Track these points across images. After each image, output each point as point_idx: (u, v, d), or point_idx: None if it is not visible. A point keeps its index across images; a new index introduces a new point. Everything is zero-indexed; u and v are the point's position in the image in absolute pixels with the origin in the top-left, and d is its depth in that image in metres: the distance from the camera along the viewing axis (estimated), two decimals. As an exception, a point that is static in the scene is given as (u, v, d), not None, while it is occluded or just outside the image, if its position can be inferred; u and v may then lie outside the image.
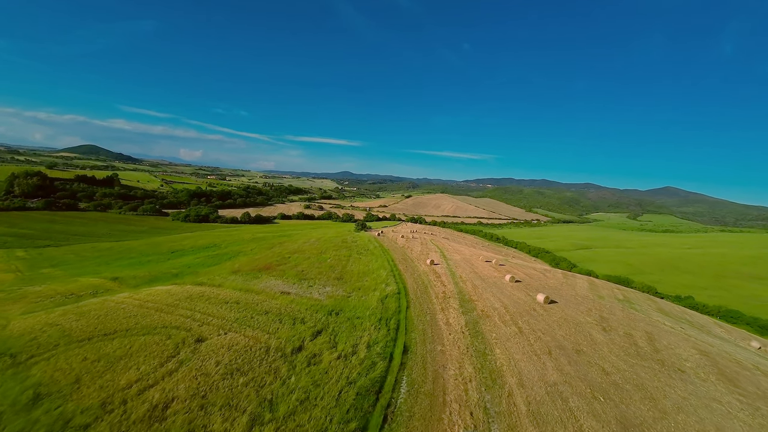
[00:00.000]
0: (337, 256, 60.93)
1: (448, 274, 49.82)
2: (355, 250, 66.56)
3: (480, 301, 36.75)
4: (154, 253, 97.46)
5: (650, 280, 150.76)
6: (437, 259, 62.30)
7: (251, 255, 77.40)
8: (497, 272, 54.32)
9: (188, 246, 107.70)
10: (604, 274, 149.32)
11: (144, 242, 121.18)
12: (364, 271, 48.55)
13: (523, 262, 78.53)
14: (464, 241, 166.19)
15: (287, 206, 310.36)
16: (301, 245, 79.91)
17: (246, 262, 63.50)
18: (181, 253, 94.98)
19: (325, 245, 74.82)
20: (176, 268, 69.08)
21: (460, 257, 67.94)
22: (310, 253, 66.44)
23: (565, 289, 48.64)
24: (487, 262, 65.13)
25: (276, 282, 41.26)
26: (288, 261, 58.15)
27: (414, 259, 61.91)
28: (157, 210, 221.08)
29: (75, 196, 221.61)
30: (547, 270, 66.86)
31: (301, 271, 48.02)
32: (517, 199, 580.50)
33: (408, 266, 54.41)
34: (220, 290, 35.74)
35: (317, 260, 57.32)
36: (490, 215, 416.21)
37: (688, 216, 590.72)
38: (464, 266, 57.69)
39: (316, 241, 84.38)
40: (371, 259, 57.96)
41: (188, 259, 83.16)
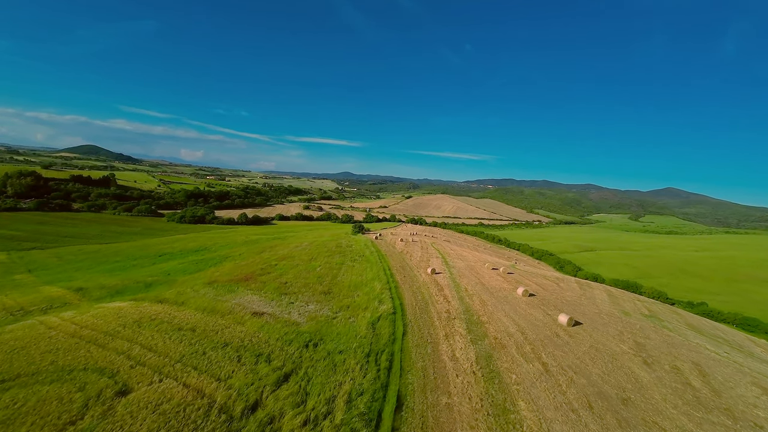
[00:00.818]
0: (329, 263, 54.63)
1: (452, 285, 43.48)
2: (349, 257, 60.25)
3: (491, 324, 30.41)
4: (140, 256, 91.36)
5: (659, 285, 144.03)
6: (439, 267, 55.95)
7: (238, 260, 71.32)
8: (507, 283, 47.93)
9: (177, 249, 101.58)
10: (612, 279, 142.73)
11: (134, 244, 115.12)
12: (357, 283, 42.26)
13: (533, 269, 72.18)
14: (466, 244, 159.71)
15: (286, 207, 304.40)
16: (292, 250, 73.68)
17: (228, 269, 57.28)
18: (169, 257, 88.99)
19: (318, 250, 68.55)
20: (153, 275, 62.87)
21: (463, 264, 61.52)
22: (299, 259, 60.18)
23: (586, 304, 42.26)
24: (493, 270, 58.74)
25: (252, 298, 35.01)
26: (273, 269, 51.87)
27: (413, 266, 55.57)
28: (152, 211, 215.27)
29: (69, 197, 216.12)
30: (560, 279, 60.45)
31: (285, 283, 41.72)
32: (518, 199, 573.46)
33: (406, 276, 48.06)
34: (179, 311, 29.46)
35: (306, 268, 51.05)
36: (491, 216, 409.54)
37: (691, 217, 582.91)
38: (469, 275, 51.35)
39: (308, 245, 78.11)
40: (366, 267, 51.64)
41: (171, 264, 76.88)
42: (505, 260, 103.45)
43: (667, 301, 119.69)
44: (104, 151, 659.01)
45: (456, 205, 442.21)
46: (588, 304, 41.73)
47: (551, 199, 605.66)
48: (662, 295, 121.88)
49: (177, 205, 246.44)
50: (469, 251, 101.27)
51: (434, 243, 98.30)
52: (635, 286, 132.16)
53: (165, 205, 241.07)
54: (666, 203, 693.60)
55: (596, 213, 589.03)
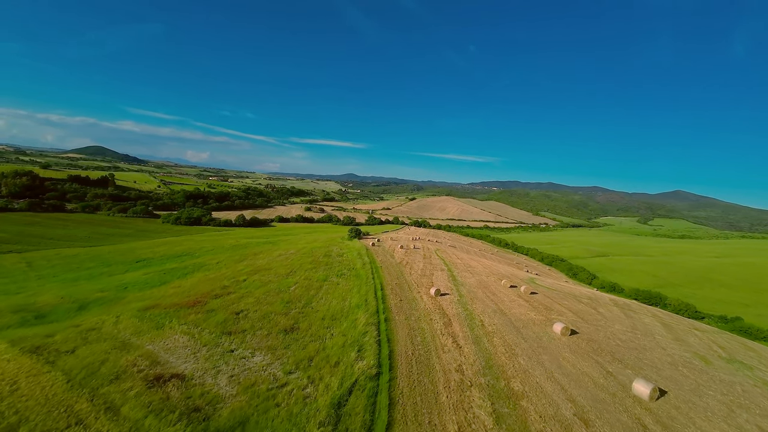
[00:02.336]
0: (309, 279, 43.38)
1: (463, 317, 32.00)
2: (336, 270, 48.93)
3: (530, 397, 18.93)
4: (117, 262, 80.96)
5: (682, 295, 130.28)
6: (444, 285, 44.41)
7: (210, 271, 60.45)
8: (534, 310, 36.22)
9: (159, 254, 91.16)
10: (632, 288, 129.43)
11: (118, 248, 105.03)
12: (335, 313, 31.01)
13: (556, 282, 60.10)
14: (473, 249, 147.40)
15: (287, 208, 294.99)
16: (273, 259, 62.58)
17: (188, 286, 46.17)
18: (145, 264, 78.55)
19: (302, 260, 57.34)
20: (106, 289, 52.03)
21: (474, 280, 49.84)
22: (276, 272, 48.98)
23: (648, 345, 30.38)
24: (512, 288, 46.96)
25: (177, 341, 23.99)
26: (238, 287, 40.71)
27: (413, 283, 44.09)
28: (148, 212, 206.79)
29: (65, 197, 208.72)
30: (593, 298, 48.40)
31: (238, 313, 30.56)
32: (524, 202, 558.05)
33: (403, 299, 36.63)
34: (33, 379, 18.44)
35: (277, 287, 39.86)
36: (497, 219, 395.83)
37: (701, 220, 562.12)
38: (483, 298, 39.80)
39: (294, 252, 66.93)
40: (352, 286, 40.34)
41: (137, 274, 65.87)
42: (519, 270, 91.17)
43: (696, 315, 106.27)
44: (110, 152, 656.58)
45: (460, 208, 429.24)
46: (651, 347, 29.86)
47: (557, 201, 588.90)
48: (690, 308, 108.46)
49: (175, 206, 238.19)
50: (478, 259, 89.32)
51: (438, 250, 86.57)
52: (658, 296, 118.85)
53: (163, 206, 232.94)
54: (675, 206, 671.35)
55: (603, 216, 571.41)
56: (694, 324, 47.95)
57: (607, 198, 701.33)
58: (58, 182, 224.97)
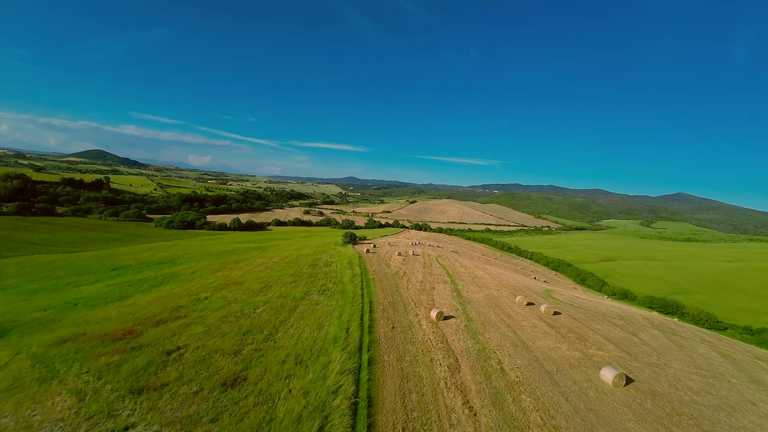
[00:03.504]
0: (283, 297, 35.24)
1: (475, 354, 23.83)
2: (320, 283, 40.78)
3: None
4: (92, 270, 72.78)
5: (699, 302, 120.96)
6: (448, 303, 36.22)
7: (179, 284, 52.27)
8: (565, 342, 27.90)
9: (140, 260, 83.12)
10: (645, 295, 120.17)
11: (99, 254, 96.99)
12: (302, 351, 22.85)
13: (576, 295, 51.45)
14: (475, 253, 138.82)
15: (286, 212, 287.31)
16: (252, 269, 54.41)
17: (143, 305, 37.87)
18: (121, 271, 70.51)
19: (283, 271, 49.19)
20: (53, 306, 43.80)
21: (483, 296, 41.57)
22: (249, 286, 40.82)
23: (730, 399, 21.99)
24: (529, 306, 38.64)
25: (59, 405, 15.98)
26: (192, 310, 32.53)
27: (409, 302, 35.90)
28: (141, 215, 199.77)
29: (56, 200, 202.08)
30: (628, 319, 39.95)
31: (174, 351, 22.49)
32: (525, 204, 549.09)
33: (397, 326, 28.47)
34: None
35: (241, 309, 31.73)
36: (498, 222, 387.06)
37: (704, 223, 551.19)
38: (497, 322, 31.61)
39: (278, 261, 58.76)
40: (335, 307, 32.21)
41: (100, 286, 57.57)
42: (527, 278, 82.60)
43: (718, 325, 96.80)
44: (111, 156, 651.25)
45: (462, 210, 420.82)
46: (735, 400, 21.46)
47: (559, 204, 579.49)
48: (710, 317, 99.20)
49: (170, 209, 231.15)
50: (482, 266, 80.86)
51: (440, 257, 78.23)
52: (674, 305, 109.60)
53: (157, 209, 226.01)
54: (678, 209, 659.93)
55: (606, 219, 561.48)
56: (749, 349, 39.33)
57: (609, 200, 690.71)
58: (51, 185, 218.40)
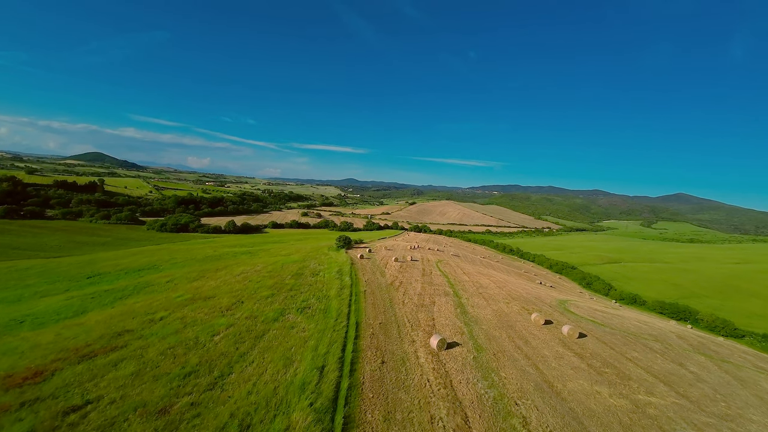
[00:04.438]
0: (253, 318, 29.48)
1: (489, 407, 18.05)
2: (300, 299, 35.02)
3: None
4: (66, 277, 66.58)
5: (710, 307, 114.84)
6: (451, 324, 30.49)
7: (146, 297, 46.28)
8: (604, 383, 22.20)
9: (121, 267, 77.00)
10: (655, 300, 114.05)
11: (80, 259, 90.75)
12: (253, 411, 17.03)
13: (594, 307, 45.51)
14: (477, 256, 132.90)
15: (283, 214, 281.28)
16: (230, 279, 48.50)
17: (90, 325, 31.85)
18: (98, 279, 64.45)
19: (262, 282, 43.37)
20: None
21: (491, 312, 35.79)
22: (218, 302, 34.97)
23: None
24: (546, 325, 32.91)
25: None
26: (137, 336, 26.71)
27: (405, 322, 30.18)
28: (134, 218, 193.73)
29: (47, 203, 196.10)
30: (662, 338, 34.25)
31: (79, 409, 16.90)
32: (525, 206, 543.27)
33: (387, 360, 22.72)
34: None
35: (196, 335, 25.91)
36: (499, 223, 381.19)
37: (705, 224, 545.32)
38: (513, 352, 25.89)
39: (261, 269, 52.89)
40: (312, 332, 26.45)
41: (61, 298, 51.42)
42: (532, 283, 76.64)
43: (735, 332, 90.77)
44: (109, 158, 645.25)
45: (461, 212, 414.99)
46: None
47: (559, 205, 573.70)
48: (727, 324, 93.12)
49: (165, 212, 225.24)
50: (486, 272, 74.96)
51: (440, 261, 72.34)
52: (686, 310, 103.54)
53: (151, 212, 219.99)
54: (678, 209, 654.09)
55: (606, 219, 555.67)
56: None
57: (609, 201, 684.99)
58: (43, 188, 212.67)
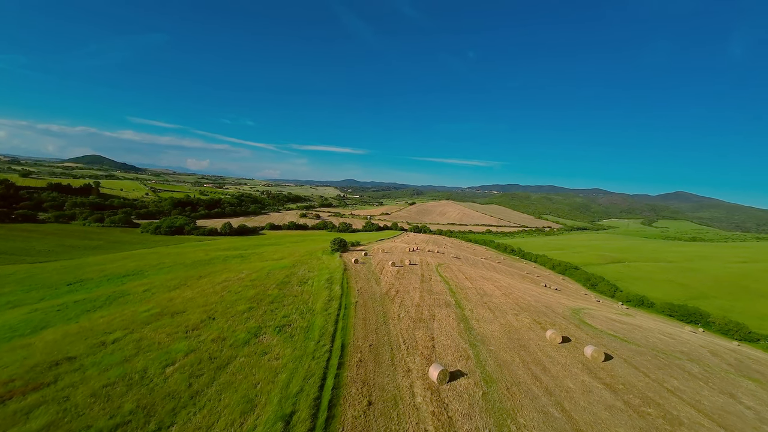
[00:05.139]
0: (220, 340, 25.24)
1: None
2: (280, 315, 30.80)
3: None
4: (45, 285, 62.38)
5: (720, 308, 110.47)
6: (454, 346, 26.32)
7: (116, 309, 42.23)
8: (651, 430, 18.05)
9: (106, 272, 72.87)
10: (664, 302, 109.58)
11: (65, 264, 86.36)
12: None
13: (612, 317, 41.21)
14: (478, 257, 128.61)
15: (281, 215, 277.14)
16: (208, 289, 44.24)
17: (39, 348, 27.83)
18: (78, 287, 60.32)
19: (243, 293, 39.19)
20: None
21: (499, 327, 31.62)
22: (185, 319, 30.77)
23: None
24: (564, 343, 28.72)
25: None
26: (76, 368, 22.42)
27: (400, 344, 26.03)
28: (128, 221, 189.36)
29: (40, 206, 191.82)
30: (700, 360, 30.14)
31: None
32: (525, 205, 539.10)
33: (375, 400, 18.58)
34: None
35: (144, 367, 21.63)
36: (499, 223, 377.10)
37: (706, 222, 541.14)
38: (531, 384, 21.76)
39: (245, 276, 48.70)
40: (287, 360, 22.22)
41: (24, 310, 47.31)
42: (539, 287, 72.40)
43: (750, 336, 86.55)
44: (108, 161, 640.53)
45: (461, 212, 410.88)
46: None
47: (559, 204, 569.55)
48: (740, 327, 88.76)
49: (161, 214, 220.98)
50: (490, 275, 70.81)
51: (441, 265, 68.17)
52: (696, 312, 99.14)
53: (147, 214, 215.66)
54: (678, 207, 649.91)
55: (606, 218, 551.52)
56: None
57: (609, 200, 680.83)
58: (36, 191, 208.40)
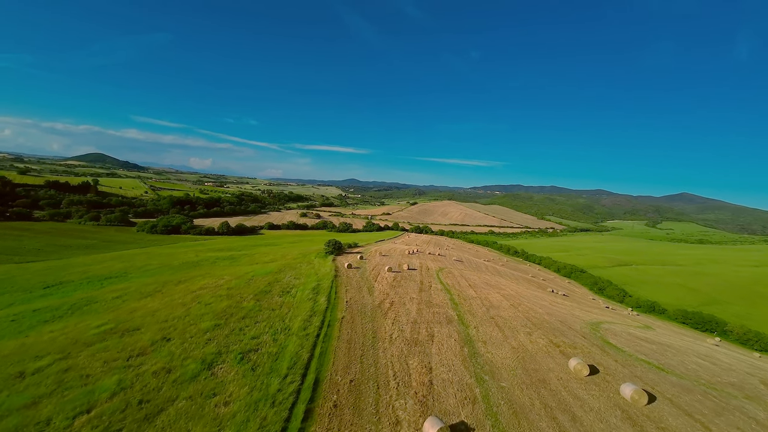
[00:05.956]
0: (164, 373, 20.35)
1: None
2: (249, 336, 25.83)
3: None
4: (21, 288, 58.22)
5: (737, 315, 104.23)
6: (456, 384, 21.17)
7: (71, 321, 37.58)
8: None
9: (90, 273, 68.74)
10: (677, 308, 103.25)
11: (50, 265, 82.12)
12: None
13: (637, 333, 35.84)
14: (481, 260, 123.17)
15: (282, 214, 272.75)
16: (178, 299, 39.32)
17: None
18: (55, 290, 56.22)
19: (213, 306, 34.23)
20: None
21: (510, 353, 26.52)
22: (136, 340, 25.98)
23: None
24: (592, 376, 23.54)
25: None
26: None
27: (389, 379, 21.02)
28: (124, 219, 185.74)
29: (36, 204, 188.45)
30: (742, 384, 25.08)
31: None
32: (528, 206, 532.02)
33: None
34: None
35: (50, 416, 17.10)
36: (501, 223, 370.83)
37: (711, 223, 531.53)
38: None
39: (225, 282, 43.81)
40: (242, 405, 17.32)
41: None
42: (546, 292, 67.01)
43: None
44: (111, 159, 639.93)
45: (463, 212, 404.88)
46: None
47: (562, 205, 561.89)
48: (761, 337, 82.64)
49: (159, 212, 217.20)
50: (495, 281, 65.57)
51: (442, 270, 63.00)
52: (712, 320, 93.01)
53: (145, 212, 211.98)
54: (683, 209, 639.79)
55: (610, 219, 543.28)
56: None
57: (613, 201, 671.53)
58: (33, 188, 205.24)
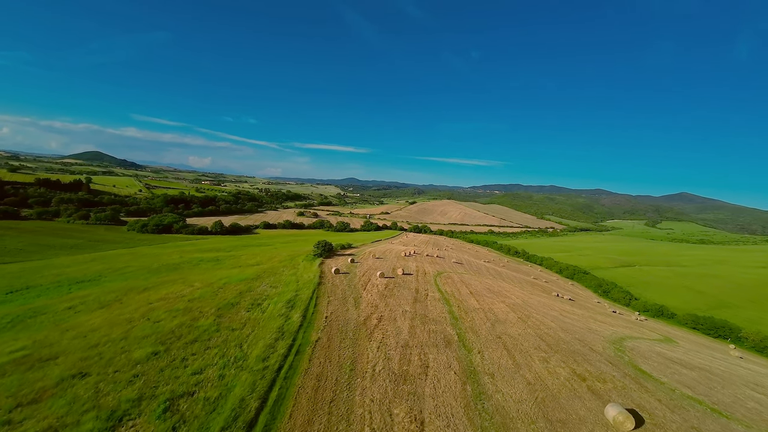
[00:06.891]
0: (73, 428, 15.18)
1: None
2: (190, 370, 20.03)
3: None
4: None
5: (749, 320, 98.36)
6: None
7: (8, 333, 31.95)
8: None
9: (63, 276, 63.01)
10: (684, 312, 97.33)
11: (25, 266, 76.33)
12: None
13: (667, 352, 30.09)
14: (481, 261, 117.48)
15: (278, 213, 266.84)
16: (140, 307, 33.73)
17: None
18: (17, 296, 50.55)
19: (163, 326, 28.56)
20: None
21: (525, 392, 20.95)
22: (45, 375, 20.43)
23: None
24: (638, 430, 18.26)
25: None
26: None
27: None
28: (115, 218, 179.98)
29: (25, 202, 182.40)
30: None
31: None
32: (527, 205, 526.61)
33: None
34: None
35: None
36: (501, 223, 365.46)
37: (710, 223, 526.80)
38: None
39: (191, 291, 38.15)
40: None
41: None
42: (551, 297, 61.35)
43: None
44: (108, 157, 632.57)
45: (463, 212, 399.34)
46: None
47: (562, 204, 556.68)
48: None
49: (152, 211, 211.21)
50: (498, 286, 59.93)
51: (440, 275, 57.35)
52: (725, 326, 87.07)
53: (137, 211, 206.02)
54: (682, 209, 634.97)
55: (609, 219, 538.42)
56: None
57: (612, 201, 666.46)
58: (22, 186, 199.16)
